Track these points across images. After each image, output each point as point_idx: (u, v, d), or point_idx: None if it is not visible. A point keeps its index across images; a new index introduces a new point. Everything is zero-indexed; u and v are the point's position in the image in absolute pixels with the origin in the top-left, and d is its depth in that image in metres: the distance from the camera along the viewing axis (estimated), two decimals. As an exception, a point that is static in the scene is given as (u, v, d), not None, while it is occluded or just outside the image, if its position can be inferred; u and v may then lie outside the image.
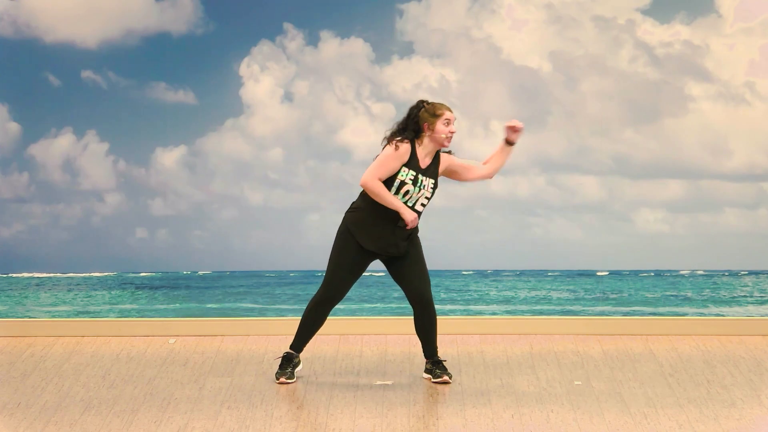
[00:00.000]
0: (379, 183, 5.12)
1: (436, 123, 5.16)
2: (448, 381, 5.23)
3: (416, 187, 5.14)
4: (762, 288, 20.15)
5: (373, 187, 5.12)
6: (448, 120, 5.17)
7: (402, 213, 5.10)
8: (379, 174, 5.13)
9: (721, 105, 12.76)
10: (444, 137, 5.16)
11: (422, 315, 5.25)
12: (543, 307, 17.81)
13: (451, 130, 5.18)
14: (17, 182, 13.46)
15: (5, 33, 11.84)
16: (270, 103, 14.02)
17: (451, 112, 5.20)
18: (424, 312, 5.24)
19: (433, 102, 5.21)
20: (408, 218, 5.10)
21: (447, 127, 5.17)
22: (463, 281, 21.46)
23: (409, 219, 5.10)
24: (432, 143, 5.19)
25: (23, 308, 17.74)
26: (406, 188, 5.14)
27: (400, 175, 5.13)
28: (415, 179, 5.14)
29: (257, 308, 17.36)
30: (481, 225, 15.24)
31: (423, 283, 5.23)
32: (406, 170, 5.13)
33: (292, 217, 15.15)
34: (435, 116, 5.16)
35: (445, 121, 5.16)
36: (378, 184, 5.12)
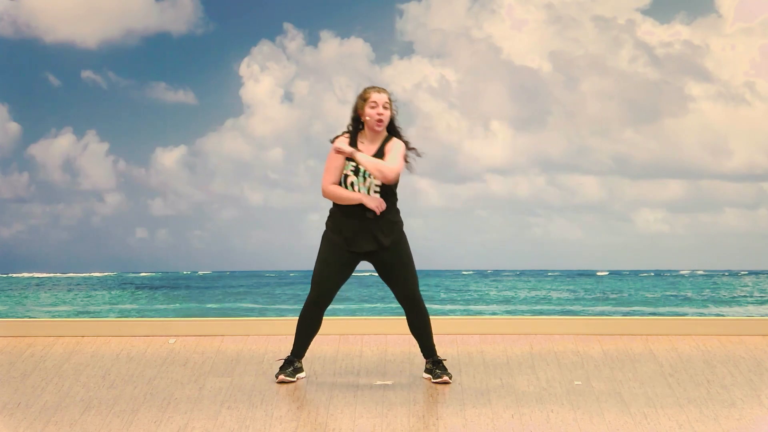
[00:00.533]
0: (333, 186, 5.12)
1: (365, 107, 5.10)
2: (448, 381, 5.22)
3: (359, 176, 5.11)
4: (762, 288, 20.14)
5: (329, 193, 5.14)
6: (375, 102, 5.08)
7: (364, 201, 5.08)
8: (330, 179, 5.13)
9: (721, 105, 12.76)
10: (371, 120, 5.08)
11: (412, 314, 5.25)
12: (543, 307, 17.81)
13: (379, 113, 5.07)
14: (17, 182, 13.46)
15: (5, 33, 11.85)
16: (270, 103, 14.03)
17: (381, 93, 5.10)
18: (414, 310, 5.24)
19: (367, 87, 5.14)
20: (371, 204, 5.07)
21: (374, 110, 5.08)
22: (463, 281, 21.45)
23: (372, 205, 5.07)
24: (369, 130, 5.14)
25: (23, 308, 17.73)
26: (350, 180, 5.12)
27: (345, 169, 5.12)
28: (356, 169, 5.11)
29: (257, 308, 17.35)
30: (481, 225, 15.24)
31: (409, 282, 5.21)
32: (347, 163, 5.13)
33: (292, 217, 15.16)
34: (363, 100, 5.11)
35: (372, 104, 5.08)
36: (332, 188, 5.12)
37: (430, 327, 5.30)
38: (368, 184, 5.12)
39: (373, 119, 5.09)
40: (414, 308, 5.24)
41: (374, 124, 5.11)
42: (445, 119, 13.51)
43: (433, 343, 5.32)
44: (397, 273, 5.20)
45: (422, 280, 5.32)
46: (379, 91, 5.11)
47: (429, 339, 5.31)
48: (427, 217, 13.52)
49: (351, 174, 5.12)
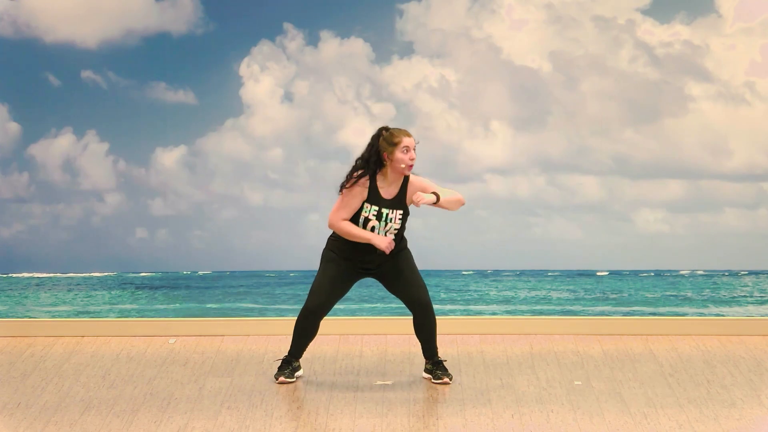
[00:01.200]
0: (344, 223, 5.09)
1: (395, 152, 5.05)
2: (448, 382, 5.22)
3: (381, 221, 5.08)
4: (762, 288, 20.12)
5: (338, 228, 5.11)
6: (407, 147, 5.04)
7: (374, 242, 5.05)
8: (342, 215, 5.11)
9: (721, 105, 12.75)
10: (404, 166, 5.05)
11: (423, 319, 5.24)
12: (543, 307, 17.80)
13: (411, 157, 5.05)
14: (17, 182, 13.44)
15: (5, 33, 11.84)
16: (270, 103, 14.02)
17: (410, 137, 5.07)
18: (425, 316, 5.23)
19: (391, 129, 5.08)
20: (381, 246, 5.05)
21: (406, 155, 5.04)
22: (463, 281, 21.44)
23: (382, 246, 5.05)
24: (394, 173, 5.10)
25: (23, 308, 17.72)
26: (371, 224, 5.09)
27: (363, 211, 5.08)
28: (378, 214, 5.09)
29: (257, 308, 17.33)
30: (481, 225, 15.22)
31: (419, 289, 5.21)
32: (368, 206, 5.08)
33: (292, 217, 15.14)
34: (393, 144, 5.04)
35: (403, 148, 5.04)
36: (343, 225, 5.10)
37: (436, 330, 5.30)
38: (388, 228, 5.11)
39: (407, 165, 5.06)
40: (425, 313, 5.23)
41: (406, 169, 5.07)
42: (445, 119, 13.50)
43: (436, 346, 5.33)
44: (406, 279, 5.20)
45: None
46: (408, 135, 5.08)
47: (433, 342, 5.31)
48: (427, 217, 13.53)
49: (373, 219, 5.09)
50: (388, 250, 5.05)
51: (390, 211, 5.08)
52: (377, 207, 5.06)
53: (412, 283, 5.20)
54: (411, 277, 5.21)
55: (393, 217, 5.09)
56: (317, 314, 5.20)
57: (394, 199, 5.10)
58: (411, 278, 5.21)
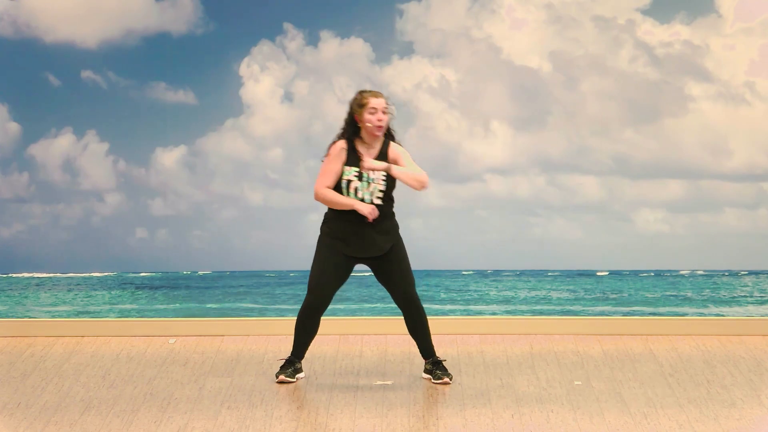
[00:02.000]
0: (327, 191, 5.10)
1: (363, 113, 5.07)
2: (449, 382, 5.22)
3: (363, 181, 5.09)
4: (762, 288, 20.12)
5: (322, 196, 5.12)
6: (374, 108, 5.06)
7: (357, 208, 5.05)
8: (325, 182, 5.10)
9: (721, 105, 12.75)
10: (372, 126, 5.07)
11: (410, 314, 5.24)
12: (543, 307, 17.80)
13: (379, 118, 5.06)
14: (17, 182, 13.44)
15: (5, 33, 11.84)
16: (270, 103, 14.02)
17: (378, 98, 5.08)
18: (411, 311, 5.23)
19: (363, 92, 5.11)
20: (364, 211, 5.05)
21: (374, 116, 5.06)
22: (463, 281, 21.44)
23: (365, 212, 5.05)
24: (368, 135, 5.12)
25: (23, 308, 17.72)
26: (354, 185, 5.09)
27: (345, 175, 5.09)
28: (360, 175, 5.09)
29: (257, 308, 17.34)
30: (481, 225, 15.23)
31: (405, 282, 5.20)
32: (349, 168, 5.10)
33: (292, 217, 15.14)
34: (361, 106, 5.07)
35: (371, 110, 5.06)
36: (326, 192, 5.10)
37: (428, 327, 5.29)
38: (372, 189, 5.10)
39: (374, 125, 5.07)
40: (412, 309, 5.23)
41: (374, 129, 5.08)
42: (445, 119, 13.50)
43: (431, 344, 5.32)
44: (395, 275, 5.20)
45: (422, 280, 5.33)
46: (377, 96, 5.09)
47: (427, 339, 5.31)
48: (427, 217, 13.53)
49: (355, 179, 5.09)
50: (371, 217, 5.05)
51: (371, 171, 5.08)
52: (357, 168, 5.07)
53: (402, 279, 5.20)
54: (402, 271, 5.21)
55: (375, 178, 5.10)
56: (319, 308, 5.20)
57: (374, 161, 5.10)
58: (402, 274, 5.21)
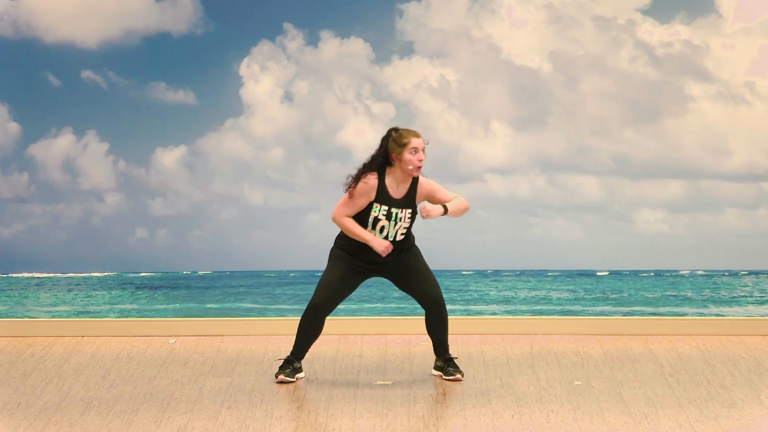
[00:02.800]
0: (346, 219, 5.09)
1: (403, 153, 5.03)
2: (460, 379, 5.24)
3: (391, 221, 5.08)
4: (762, 288, 20.13)
5: (341, 223, 5.12)
6: (415, 149, 5.03)
7: (371, 244, 5.06)
8: (346, 212, 5.10)
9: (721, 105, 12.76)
10: (411, 168, 5.05)
11: (435, 315, 5.25)
12: (543, 307, 17.81)
13: (420, 158, 5.04)
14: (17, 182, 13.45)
15: (5, 33, 11.84)
16: (270, 103, 14.02)
17: (418, 138, 5.06)
18: (437, 312, 5.24)
19: (400, 130, 5.07)
20: (378, 249, 5.05)
21: (414, 156, 5.03)
22: (463, 281, 21.45)
23: (379, 249, 5.05)
24: (402, 173, 5.09)
25: (23, 308, 17.72)
26: (381, 224, 5.09)
27: (373, 211, 5.08)
28: (388, 214, 5.08)
29: (257, 308, 17.34)
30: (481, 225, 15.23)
31: (431, 286, 5.22)
32: (378, 206, 5.08)
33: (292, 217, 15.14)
34: (401, 146, 5.03)
35: (411, 150, 5.03)
36: (345, 221, 5.10)
37: (447, 327, 5.31)
38: (397, 227, 5.11)
39: (414, 166, 5.05)
40: (438, 310, 5.24)
41: (414, 170, 5.07)
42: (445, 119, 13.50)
43: (447, 342, 5.34)
44: (417, 279, 5.21)
45: (422, 280, 5.31)
46: (417, 136, 5.06)
47: (445, 339, 5.33)
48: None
49: (383, 218, 5.08)
50: (384, 254, 5.06)
51: (399, 210, 5.10)
52: (387, 207, 5.08)
53: (425, 280, 5.22)
54: (423, 274, 5.23)
55: (402, 216, 5.10)
56: (324, 310, 5.20)
57: (403, 199, 5.11)
58: (423, 275, 5.23)
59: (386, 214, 5.08)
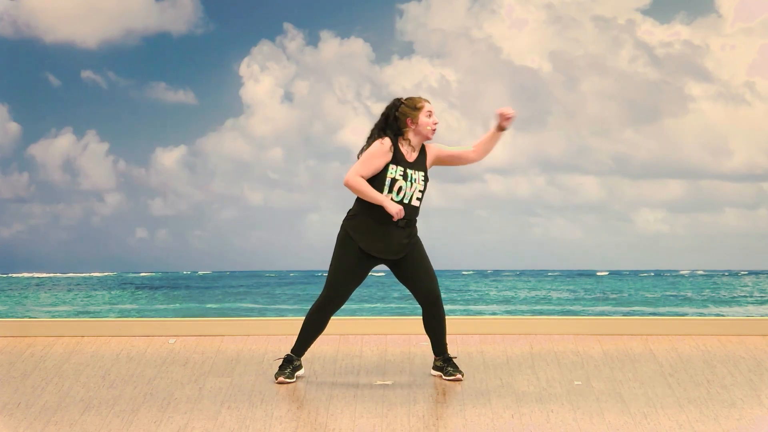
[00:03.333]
0: (359, 179, 5.10)
1: (419, 116, 5.15)
2: (461, 379, 5.24)
3: (408, 182, 5.13)
4: (762, 288, 20.15)
5: (354, 183, 5.11)
6: (430, 112, 5.17)
7: (385, 206, 5.08)
8: (362, 172, 5.12)
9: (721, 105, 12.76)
10: (429, 129, 5.16)
11: (432, 312, 5.26)
12: (543, 307, 17.82)
13: (435, 121, 5.18)
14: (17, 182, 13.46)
15: (5, 33, 11.85)
16: (270, 103, 14.02)
17: (429, 103, 5.20)
18: (434, 309, 5.25)
19: (410, 96, 5.21)
20: (392, 210, 5.07)
21: (430, 119, 5.16)
22: (463, 281, 21.47)
23: (393, 211, 5.07)
24: (417, 137, 5.18)
25: (23, 308, 17.74)
26: (399, 185, 5.12)
27: (389, 173, 5.11)
28: (405, 174, 5.13)
29: (257, 308, 17.36)
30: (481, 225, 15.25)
31: (430, 281, 5.23)
32: (394, 167, 5.12)
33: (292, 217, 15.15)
34: (416, 109, 5.14)
35: (427, 113, 5.16)
36: (360, 181, 5.10)
37: (445, 325, 5.32)
38: (413, 189, 5.14)
39: (431, 128, 5.16)
40: (434, 306, 5.25)
41: (430, 132, 5.18)
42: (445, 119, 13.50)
43: (445, 341, 5.34)
44: (419, 272, 5.22)
45: (422, 280, 5.31)
46: (428, 101, 5.20)
47: (443, 337, 5.33)
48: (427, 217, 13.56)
49: (400, 179, 5.12)
50: (397, 217, 5.08)
51: (414, 171, 5.15)
52: (403, 168, 5.12)
53: (425, 276, 5.23)
54: (424, 270, 5.24)
55: (417, 178, 5.16)
56: (336, 304, 5.22)
57: (416, 162, 5.18)
58: (424, 271, 5.24)
59: (403, 175, 5.12)
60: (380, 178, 5.12)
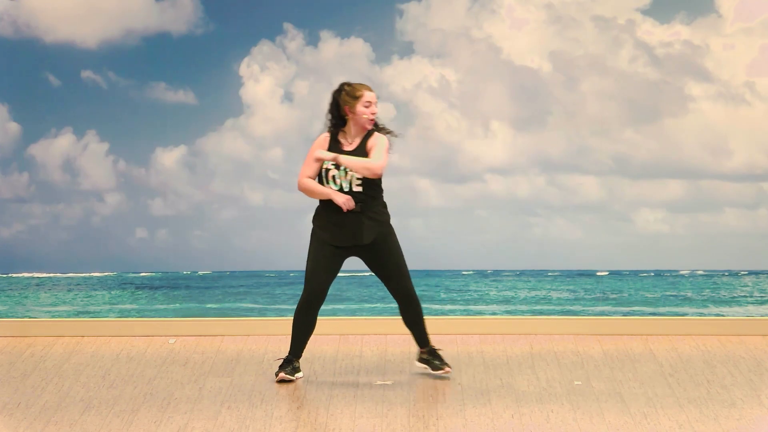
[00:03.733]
0: (307, 180, 5.18)
1: (356, 105, 5.14)
2: (449, 371, 5.24)
3: (341, 170, 5.14)
4: (762, 288, 20.13)
5: (302, 186, 5.21)
6: (368, 102, 5.14)
7: (333, 198, 5.12)
8: (306, 172, 5.19)
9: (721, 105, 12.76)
10: (366, 118, 5.15)
11: (407, 308, 5.27)
12: (543, 307, 17.80)
13: (372, 111, 5.15)
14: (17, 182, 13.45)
15: (5, 33, 11.84)
16: (270, 103, 14.02)
17: (371, 92, 5.17)
18: (409, 305, 5.27)
19: (353, 84, 5.19)
20: (339, 201, 5.11)
21: (368, 109, 5.14)
22: (463, 281, 21.45)
23: (340, 201, 5.11)
24: (355, 126, 5.18)
25: (23, 308, 17.72)
26: (332, 173, 5.16)
27: (324, 164, 5.14)
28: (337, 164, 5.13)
29: (257, 308, 17.34)
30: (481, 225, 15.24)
31: (402, 277, 5.24)
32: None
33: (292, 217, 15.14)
34: (355, 98, 5.14)
35: (365, 102, 5.14)
36: (306, 182, 5.18)
37: (423, 318, 5.33)
38: (350, 177, 5.15)
39: (368, 118, 5.16)
40: (408, 302, 5.26)
41: (367, 122, 5.18)
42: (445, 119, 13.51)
43: (427, 333, 5.35)
44: (390, 267, 5.22)
45: (422, 280, 5.34)
46: (370, 89, 5.18)
47: (423, 329, 5.34)
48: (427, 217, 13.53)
49: (332, 168, 5.17)
50: (345, 207, 5.10)
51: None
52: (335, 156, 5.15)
53: (396, 271, 5.23)
54: (395, 263, 5.23)
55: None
56: (315, 302, 5.21)
57: (354, 152, 5.17)
58: (395, 265, 5.23)
59: (335, 164, 5.12)
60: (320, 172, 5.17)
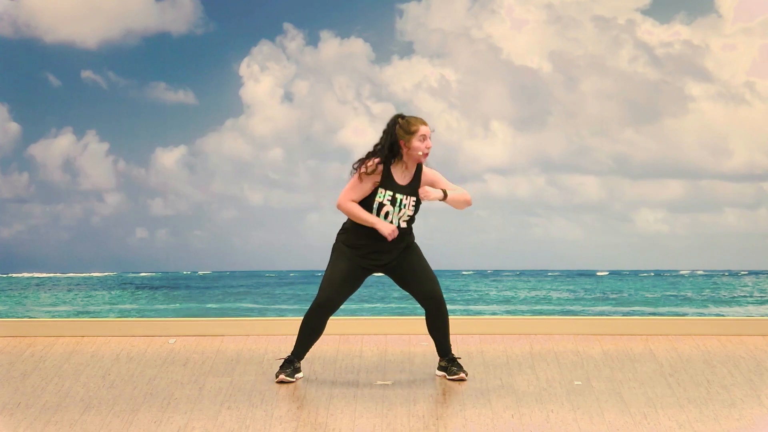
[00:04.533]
0: (351, 204, 5.09)
1: (412, 140, 5.05)
2: (464, 378, 5.24)
3: (396, 207, 5.08)
4: (762, 288, 20.15)
5: (346, 208, 5.11)
6: (423, 136, 5.06)
7: (378, 227, 5.05)
8: (351, 196, 5.09)
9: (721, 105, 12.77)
10: (420, 154, 5.07)
11: (435, 314, 5.24)
12: (543, 307, 17.82)
13: (428, 146, 5.07)
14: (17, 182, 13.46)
15: (5, 33, 11.85)
16: (270, 103, 14.03)
17: (426, 125, 5.08)
18: (437, 311, 5.24)
19: (407, 117, 5.09)
20: (384, 232, 5.05)
21: (423, 143, 5.05)
22: (463, 281, 21.47)
23: (385, 233, 5.05)
24: (410, 160, 5.11)
25: (23, 308, 17.75)
26: (386, 209, 5.08)
27: (378, 196, 5.08)
28: (393, 199, 5.08)
29: (257, 308, 17.37)
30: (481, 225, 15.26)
31: (431, 283, 5.22)
32: (383, 191, 5.08)
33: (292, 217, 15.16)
34: (410, 133, 5.05)
35: (420, 137, 5.05)
36: (350, 205, 5.09)
37: (449, 327, 5.31)
38: (401, 214, 5.11)
39: (423, 152, 5.07)
40: (438, 308, 5.23)
41: (422, 157, 5.09)
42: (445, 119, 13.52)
43: (449, 342, 5.34)
44: (418, 275, 5.20)
45: (422, 280, 5.31)
46: (424, 123, 5.08)
47: (447, 338, 5.33)
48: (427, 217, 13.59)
49: (387, 204, 5.08)
50: (391, 237, 5.06)
51: (404, 197, 5.10)
52: (392, 192, 5.08)
53: (425, 278, 5.21)
54: (424, 271, 5.22)
55: (407, 203, 5.11)
56: (328, 309, 5.19)
57: (407, 186, 5.12)
58: (424, 273, 5.22)
59: (391, 200, 5.08)
60: (368, 202, 5.09)
